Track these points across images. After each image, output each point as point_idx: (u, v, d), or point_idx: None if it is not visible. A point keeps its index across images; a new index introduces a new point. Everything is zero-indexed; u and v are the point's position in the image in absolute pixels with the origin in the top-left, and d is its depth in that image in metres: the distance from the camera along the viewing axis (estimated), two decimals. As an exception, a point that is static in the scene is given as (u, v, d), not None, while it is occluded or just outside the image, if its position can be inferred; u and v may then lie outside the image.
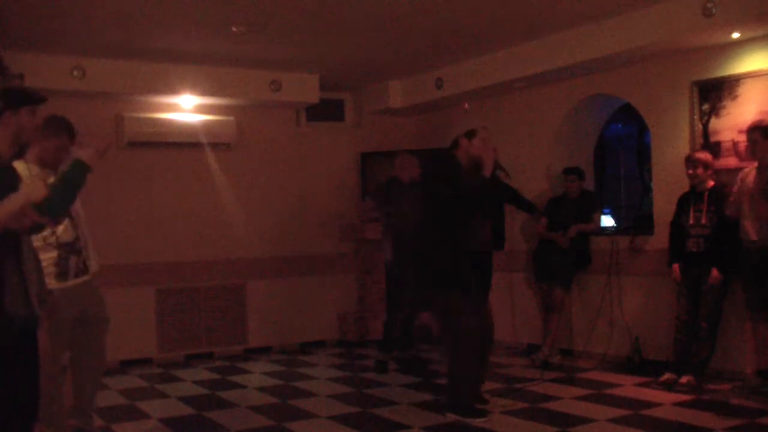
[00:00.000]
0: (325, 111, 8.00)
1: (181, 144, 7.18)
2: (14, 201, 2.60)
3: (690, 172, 5.42)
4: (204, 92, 7.01)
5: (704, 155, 5.45)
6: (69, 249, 4.00)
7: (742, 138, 5.39)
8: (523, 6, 5.40)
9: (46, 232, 3.76)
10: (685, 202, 5.52)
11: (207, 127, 7.27)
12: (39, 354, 2.88)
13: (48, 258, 3.85)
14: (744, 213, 5.11)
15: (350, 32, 5.98)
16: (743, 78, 5.48)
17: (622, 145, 9.45)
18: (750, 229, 5.06)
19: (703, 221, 5.36)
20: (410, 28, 5.90)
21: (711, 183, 5.42)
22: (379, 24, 5.74)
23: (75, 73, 6.41)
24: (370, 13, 5.46)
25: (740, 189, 5.14)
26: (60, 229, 3.91)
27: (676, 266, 5.49)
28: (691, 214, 5.42)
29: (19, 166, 3.67)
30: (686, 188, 5.58)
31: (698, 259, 5.36)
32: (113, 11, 5.24)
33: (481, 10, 5.45)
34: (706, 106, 5.72)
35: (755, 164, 5.10)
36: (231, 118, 7.41)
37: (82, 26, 5.57)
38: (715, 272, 5.23)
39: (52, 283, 3.79)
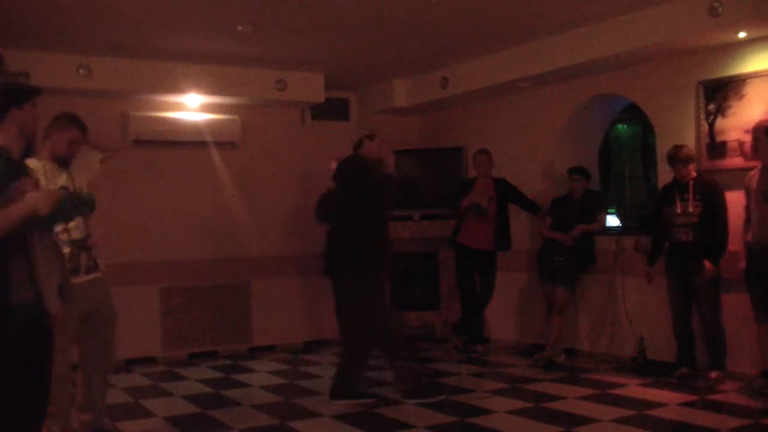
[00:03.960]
0: (330, 110, 8.00)
1: (187, 143, 7.20)
2: (19, 210, 2.63)
3: (683, 171, 5.49)
4: (209, 91, 7.02)
5: (687, 152, 5.51)
6: (80, 246, 4.09)
7: (749, 138, 5.37)
8: (528, 6, 5.40)
9: (58, 229, 3.89)
10: (668, 193, 5.59)
11: (212, 125, 7.28)
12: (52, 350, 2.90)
13: None
14: (748, 213, 5.12)
15: (355, 32, 5.99)
16: (749, 78, 5.46)
17: (627, 145, 9.43)
18: (752, 229, 5.07)
19: (690, 209, 5.40)
20: (415, 28, 5.90)
21: (694, 174, 5.49)
22: (384, 24, 5.74)
23: (81, 71, 6.43)
24: (375, 13, 5.47)
25: (747, 191, 5.15)
26: (72, 225, 4.00)
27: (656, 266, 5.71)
28: (678, 203, 5.47)
29: (33, 163, 3.80)
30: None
31: (687, 248, 5.40)
32: (119, 10, 5.25)
33: (486, 9, 5.45)
34: (712, 106, 5.70)
35: (759, 165, 5.10)
36: (236, 117, 7.42)
37: (88, 25, 5.59)
38: (708, 265, 5.27)
39: None
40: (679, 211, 5.47)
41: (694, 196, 5.41)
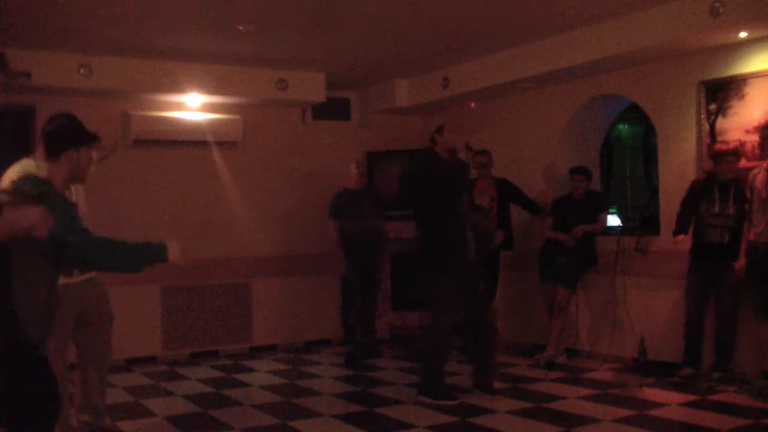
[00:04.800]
0: (332, 110, 8.00)
1: (188, 142, 7.20)
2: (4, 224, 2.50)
3: (734, 165, 5.28)
4: (210, 91, 7.02)
5: (733, 147, 5.36)
6: None
7: (750, 138, 5.38)
8: (530, 6, 5.39)
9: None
10: (705, 190, 5.41)
11: (213, 125, 7.28)
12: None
13: None
14: (751, 211, 5.10)
15: (357, 31, 5.98)
16: (750, 78, 5.46)
17: (628, 145, 9.43)
18: (754, 229, 5.05)
19: (731, 211, 5.27)
20: (417, 28, 5.89)
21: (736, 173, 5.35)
22: (386, 23, 5.74)
23: (82, 71, 6.42)
24: (375, 13, 5.46)
25: (750, 189, 5.13)
26: None
27: (681, 237, 5.50)
28: (717, 202, 5.32)
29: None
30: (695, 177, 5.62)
31: (717, 251, 5.31)
32: (120, 9, 5.25)
33: (487, 9, 5.44)
34: (713, 106, 5.70)
35: (765, 164, 5.08)
36: (237, 116, 7.42)
37: (89, 24, 5.58)
38: (737, 267, 5.16)
39: None
40: (717, 210, 5.32)
41: (735, 197, 5.27)
